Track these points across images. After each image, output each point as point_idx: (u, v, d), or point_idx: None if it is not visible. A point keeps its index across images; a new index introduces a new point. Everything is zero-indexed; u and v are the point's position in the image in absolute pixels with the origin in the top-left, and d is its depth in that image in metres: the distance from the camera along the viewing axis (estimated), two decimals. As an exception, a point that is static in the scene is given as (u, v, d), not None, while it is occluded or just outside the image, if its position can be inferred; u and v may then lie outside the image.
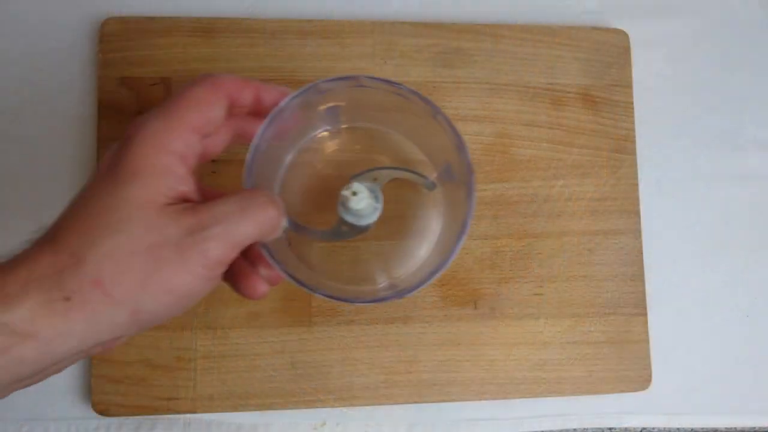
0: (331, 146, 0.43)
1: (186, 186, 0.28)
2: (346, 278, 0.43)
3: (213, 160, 0.38)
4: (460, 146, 0.35)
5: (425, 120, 0.37)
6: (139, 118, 0.28)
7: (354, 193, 0.36)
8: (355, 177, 0.41)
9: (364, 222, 0.38)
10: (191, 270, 0.26)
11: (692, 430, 0.48)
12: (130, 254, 0.25)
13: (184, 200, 0.28)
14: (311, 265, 0.43)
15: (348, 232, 0.39)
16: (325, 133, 0.43)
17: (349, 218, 0.38)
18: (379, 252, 0.44)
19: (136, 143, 0.27)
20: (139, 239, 0.26)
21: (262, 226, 0.29)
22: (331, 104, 0.39)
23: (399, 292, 0.35)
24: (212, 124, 0.29)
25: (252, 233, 0.28)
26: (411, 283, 0.37)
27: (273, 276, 0.32)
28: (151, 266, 0.26)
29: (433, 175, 0.43)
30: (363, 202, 0.37)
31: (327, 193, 0.42)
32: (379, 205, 0.38)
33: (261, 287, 0.31)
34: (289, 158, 0.42)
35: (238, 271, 0.31)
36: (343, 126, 0.43)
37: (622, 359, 0.46)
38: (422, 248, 0.43)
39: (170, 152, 0.27)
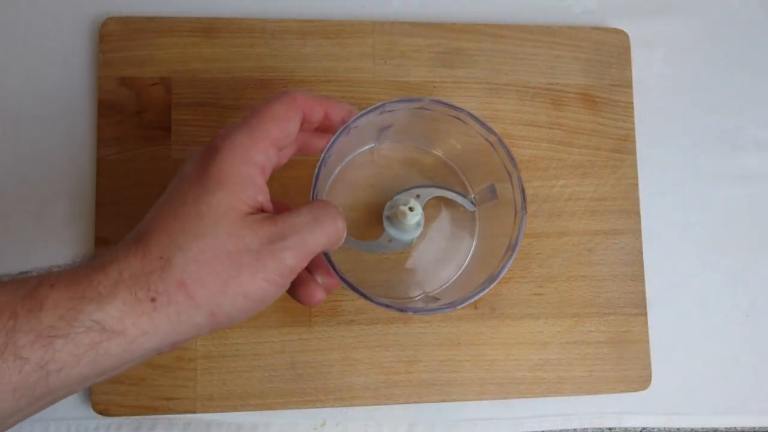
0: (375, 161, 0.44)
1: (263, 196, 0.29)
2: (376, 289, 0.44)
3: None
4: (513, 169, 0.37)
5: (474, 142, 0.38)
6: (223, 131, 0.30)
7: (411, 209, 0.39)
8: (399, 193, 0.42)
9: (408, 237, 0.41)
10: (267, 277, 0.28)
11: (692, 430, 0.48)
12: (213, 258, 0.27)
13: (261, 210, 0.29)
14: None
15: (392, 245, 0.41)
16: (372, 149, 0.44)
17: (394, 233, 0.40)
18: (412, 266, 0.44)
19: (224, 154, 0.29)
20: (222, 245, 0.27)
21: (331, 236, 0.30)
22: (387, 123, 0.40)
23: (450, 304, 0.36)
24: (289, 139, 0.31)
25: (323, 243, 0.30)
26: (451, 295, 0.39)
27: (330, 283, 0.34)
28: (232, 271, 0.27)
29: (471, 195, 0.44)
30: (416, 218, 0.39)
31: (368, 207, 0.43)
32: (423, 221, 0.40)
33: (319, 294, 0.33)
34: (337, 171, 0.43)
35: (298, 279, 0.32)
36: (389, 143, 0.44)
37: (622, 359, 0.46)
38: (455, 263, 0.44)
39: (253, 164, 0.29)
